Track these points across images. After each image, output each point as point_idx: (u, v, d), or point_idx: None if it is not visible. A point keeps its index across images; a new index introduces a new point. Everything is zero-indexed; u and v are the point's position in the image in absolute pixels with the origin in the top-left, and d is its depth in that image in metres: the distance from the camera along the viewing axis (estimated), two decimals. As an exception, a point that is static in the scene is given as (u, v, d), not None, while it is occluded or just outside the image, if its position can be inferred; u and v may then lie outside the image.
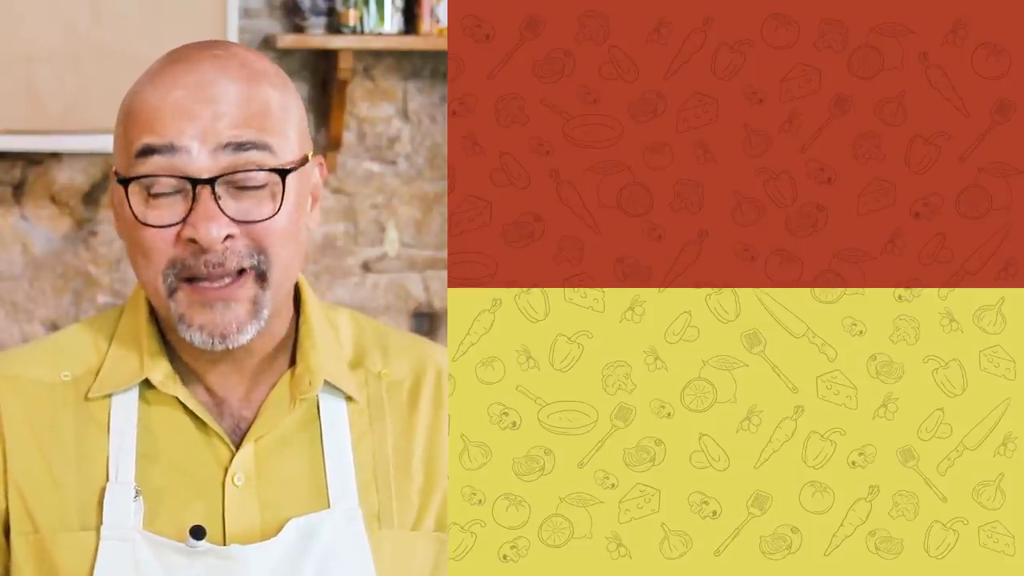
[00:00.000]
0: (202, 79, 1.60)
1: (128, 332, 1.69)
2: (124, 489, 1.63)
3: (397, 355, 1.74)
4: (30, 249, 4.24)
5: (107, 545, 1.62)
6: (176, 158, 1.58)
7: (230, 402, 1.67)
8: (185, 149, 1.57)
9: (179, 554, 1.61)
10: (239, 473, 1.64)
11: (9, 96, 4.05)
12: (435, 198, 4.46)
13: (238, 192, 1.59)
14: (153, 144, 1.58)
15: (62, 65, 4.06)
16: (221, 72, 1.61)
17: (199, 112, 1.58)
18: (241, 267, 1.60)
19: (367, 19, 4.22)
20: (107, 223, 4.28)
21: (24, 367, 1.68)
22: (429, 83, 4.44)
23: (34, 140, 4.10)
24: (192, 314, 1.60)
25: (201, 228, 1.57)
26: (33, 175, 4.22)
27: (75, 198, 4.25)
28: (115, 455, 1.64)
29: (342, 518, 1.65)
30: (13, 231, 4.23)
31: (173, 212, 1.59)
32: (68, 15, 4.06)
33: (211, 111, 1.58)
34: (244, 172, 1.59)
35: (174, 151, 1.58)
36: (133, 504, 1.62)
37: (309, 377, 1.67)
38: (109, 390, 1.66)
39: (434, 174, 4.46)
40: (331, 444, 1.68)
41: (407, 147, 4.45)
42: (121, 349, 1.68)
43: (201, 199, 1.58)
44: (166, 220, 1.59)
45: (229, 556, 1.61)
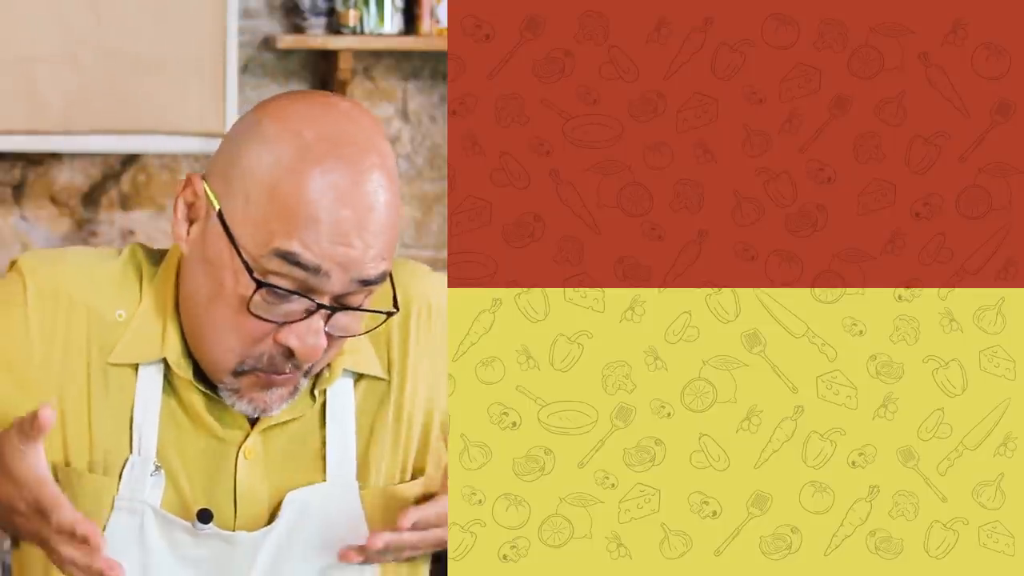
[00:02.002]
0: (369, 201, 1.56)
1: (158, 296, 1.66)
2: (145, 462, 1.64)
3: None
4: (30, 249, 4.24)
5: (118, 515, 1.63)
6: (316, 280, 1.56)
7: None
8: (326, 274, 1.55)
9: (186, 533, 1.63)
10: (250, 446, 1.66)
11: (9, 96, 4.05)
12: (435, 198, 4.46)
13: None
14: (301, 260, 1.55)
15: (62, 65, 4.06)
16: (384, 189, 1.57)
17: (356, 244, 1.55)
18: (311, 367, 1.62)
19: (367, 19, 4.22)
20: (107, 223, 4.28)
21: (85, 292, 1.65)
22: (429, 83, 4.44)
23: (34, 140, 4.10)
24: (248, 391, 1.62)
25: (309, 344, 1.57)
26: (33, 175, 4.22)
27: (75, 198, 4.25)
28: (139, 421, 1.64)
29: (339, 488, 1.68)
30: (13, 231, 4.23)
31: (283, 312, 1.57)
32: (68, 15, 4.05)
33: (365, 243, 1.56)
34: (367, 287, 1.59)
35: (318, 274, 1.55)
36: (152, 479, 1.63)
37: (330, 372, 1.68)
38: (133, 360, 1.65)
39: (434, 174, 4.46)
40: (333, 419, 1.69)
41: (407, 147, 4.45)
42: (150, 313, 1.66)
43: (317, 315, 1.57)
44: (276, 318, 1.57)
45: (234, 541, 1.64)
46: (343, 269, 1.55)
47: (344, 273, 1.56)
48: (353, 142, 1.57)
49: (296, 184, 1.55)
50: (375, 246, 1.56)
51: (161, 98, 4.07)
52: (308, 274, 1.55)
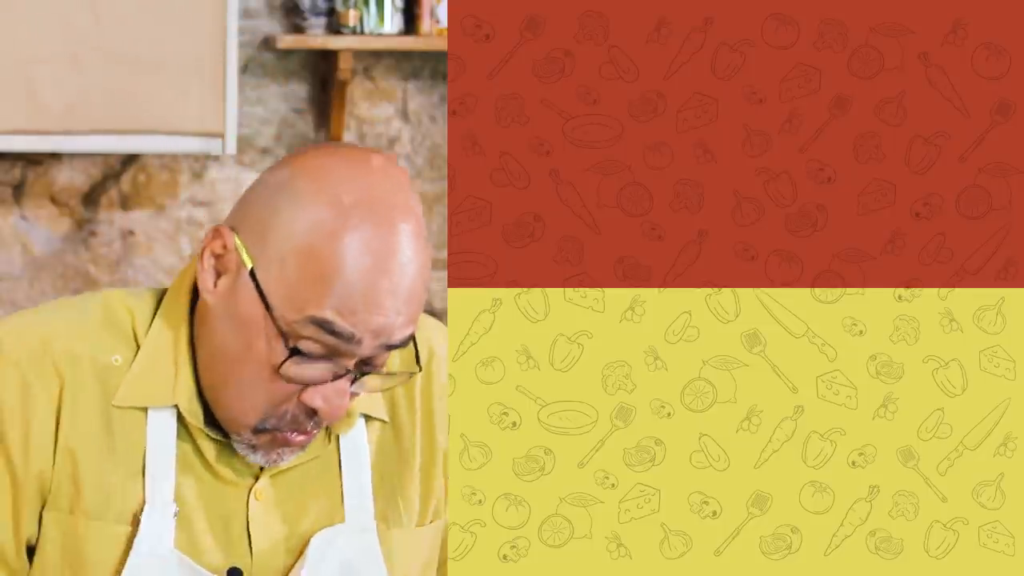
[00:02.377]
0: (403, 269, 1.54)
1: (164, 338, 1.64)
2: (165, 506, 1.62)
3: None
4: (30, 249, 4.24)
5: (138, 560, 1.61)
6: (346, 346, 1.54)
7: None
8: (358, 341, 1.54)
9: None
10: (261, 488, 1.65)
11: (9, 96, 4.05)
12: (435, 198, 4.46)
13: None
14: (336, 328, 1.53)
15: (62, 65, 4.06)
16: (418, 253, 1.56)
17: (389, 312, 1.54)
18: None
19: (367, 19, 4.23)
20: (107, 223, 4.28)
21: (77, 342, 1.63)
22: (429, 83, 4.44)
23: (34, 140, 4.10)
24: (264, 447, 1.61)
25: (335, 405, 1.56)
26: (33, 175, 4.23)
27: (75, 198, 4.25)
28: (152, 462, 1.62)
29: (357, 529, 1.67)
30: (13, 231, 4.23)
31: (310, 375, 1.56)
32: (68, 15, 4.06)
33: (397, 310, 1.54)
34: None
35: (350, 341, 1.54)
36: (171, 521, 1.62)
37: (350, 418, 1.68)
38: (142, 403, 1.62)
39: (434, 174, 4.46)
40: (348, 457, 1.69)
41: (407, 147, 4.46)
42: (156, 354, 1.64)
43: (344, 377, 1.56)
44: (304, 379, 1.56)
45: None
46: (374, 336, 1.54)
47: (375, 339, 1.54)
48: (391, 204, 1.55)
49: (333, 250, 1.53)
50: (405, 313, 1.55)
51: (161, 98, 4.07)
52: (340, 341, 1.54)
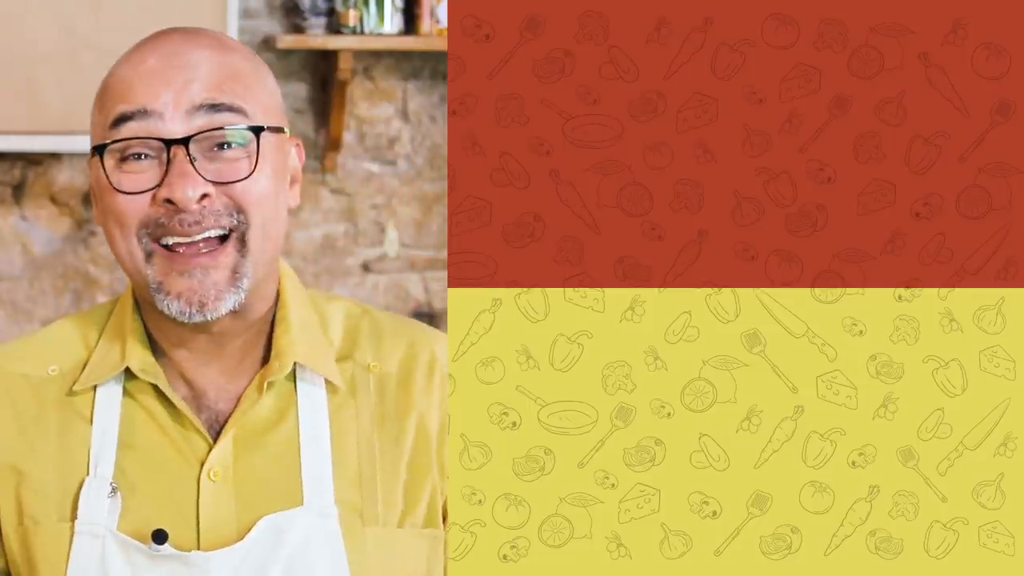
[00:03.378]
0: (174, 48, 1.63)
1: (116, 326, 1.70)
2: (101, 484, 1.63)
3: (390, 347, 1.73)
4: (30, 249, 4.24)
5: (80, 540, 1.62)
6: (150, 123, 1.59)
7: (208, 395, 1.67)
8: (158, 113, 1.59)
9: (144, 556, 1.60)
10: (216, 468, 1.63)
11: (9, 96, 4.05)
12: (435, 198, 4.46)
13: (213, 154, 1.60)
14: (126, 111, 1.60)
15: (62, 65, 4.06)
16: (192, 42, 1.64)
17: (172, 77, 1.60)
18: (220, 227, 1.60)
19: (367, 19, 4.22)
20: (107, 223, 4.28)
21: (11, 362, 1.70)
22: (429, 83, 4.44)
23: (34, 140, 4.10)
24: (170, 282, 1.60)
25: (177, 187, 1.58)
26: (33, 175, 4.22)
27: (75, 198, 4.25)
28: (96, 449, 1.64)
29: (315, 515, 1.64)
30: (13, 231, 4.23)
31: (149, 177, 1.60)
32: (68, 15, 4.06)
33: (183, 76, 1.60)
34: (218, 130, 1.60)
35: (147, 115, 1.59)
36: (108, 501, 1.62)
37: (279, 361, 1.65)
38: (93, 382, 1.66)
39: (434, 174, 4.46)
40: (309, 438, 1.66)
41: (407, 147, 4.45)
42: (108, 343, 1.69)
43: (176, 160, 1.59)
44: (142, 186, 1.60)
45: (191, 562, 1.60)
46: (174, 104, 1.59)
47: (176, 107, 1.59)
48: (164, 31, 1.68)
49: (112, 73, 1.65)
50: (200, 78, 1.61)
51: (161, 98, 4.07)
52: (141, 122, 1.59)
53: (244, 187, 1.60)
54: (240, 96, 1.62)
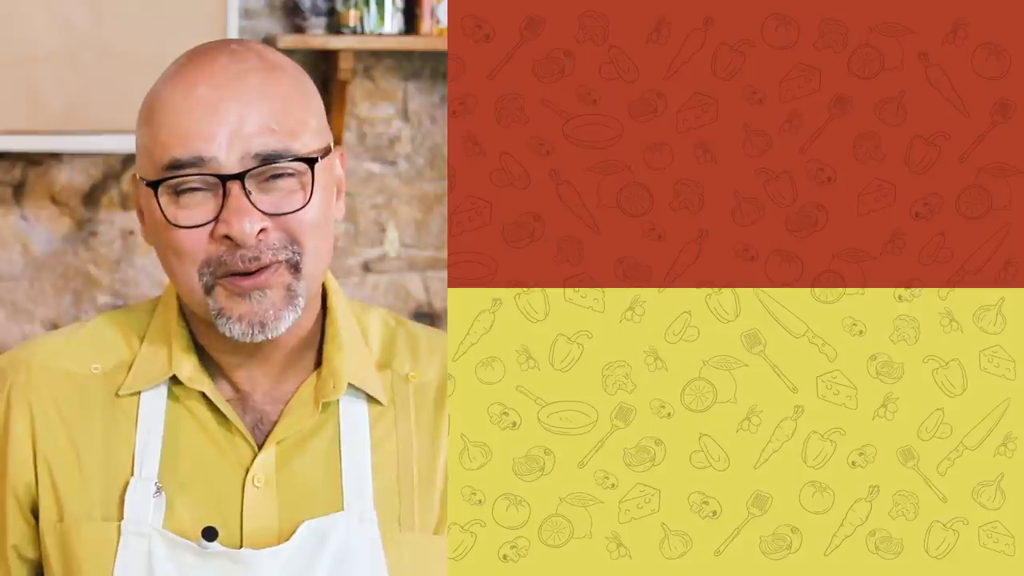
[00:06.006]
0: (223, 76, 1.60)
1: (159, 330, 1.69)
2: (146, 485, 1.64)
3: (427, 357, 1.74)
4: (30, 249, 4.24)
5: (126, 540, 1.63)
6: (205, 167, 1.58)
7: (254, 397, 1.68)
8: (212, 156, 1.58)
9: (192, 554, 1.62)
10: (260, 474, 1.65)
11: (9, 96, 4.05)
12: (435, 198, 4.46)
13: (267, 185, 1.60)
14: (181, 159, 1.58)
15: (62, 65, 4.06)
16: (240, 63, 1.61)
17: (224, 113, 1.58)
18: (278, 261, 1.60)
19: (367, 19, 4.22)
20: (107, 223, 4.28)
21: (55, 358, 1.69)
22: (429, 83, 4.44)
23: (34, 140, 4.10)
24: (231, 306, 1.61)
25: (235, 224, 1.58)
26: (33, 175, 4.22)
27: (75, 198, 4.25)
28: (140, 450, 1.65)
29: (355, 520, 1.65)
30: (13, 231, 4.23)
31: (205, 211, 1.59)
32: (68, 15, 4.05)
33: (236, 113, 1.58)
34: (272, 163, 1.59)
35: (203, 163, 1.58)
36: (154, 500, 1.63)
37: (333, 380, 1.67)
38: (139, 387, 1.67)
39: (434, 174, 4.46)
40: (349, 446, 1.68)
41: (407, 147, 4.45)
42: (152, 347, 1.69)
43: (232, 194, 1.58)
44: (198, 220, 1.59)
45: (240, 559, 1.62)
46: (228, 147, 1.58)
47: (231, 149, 1.58)
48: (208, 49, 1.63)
49: (158, 96, 1.61)
50: (252, 114, 1.58)
51: (161, 98, 4.06)
52: (194, 168, 1.58)
53: (299, 218, 1.61)
54: (291, 129, 1.60)
